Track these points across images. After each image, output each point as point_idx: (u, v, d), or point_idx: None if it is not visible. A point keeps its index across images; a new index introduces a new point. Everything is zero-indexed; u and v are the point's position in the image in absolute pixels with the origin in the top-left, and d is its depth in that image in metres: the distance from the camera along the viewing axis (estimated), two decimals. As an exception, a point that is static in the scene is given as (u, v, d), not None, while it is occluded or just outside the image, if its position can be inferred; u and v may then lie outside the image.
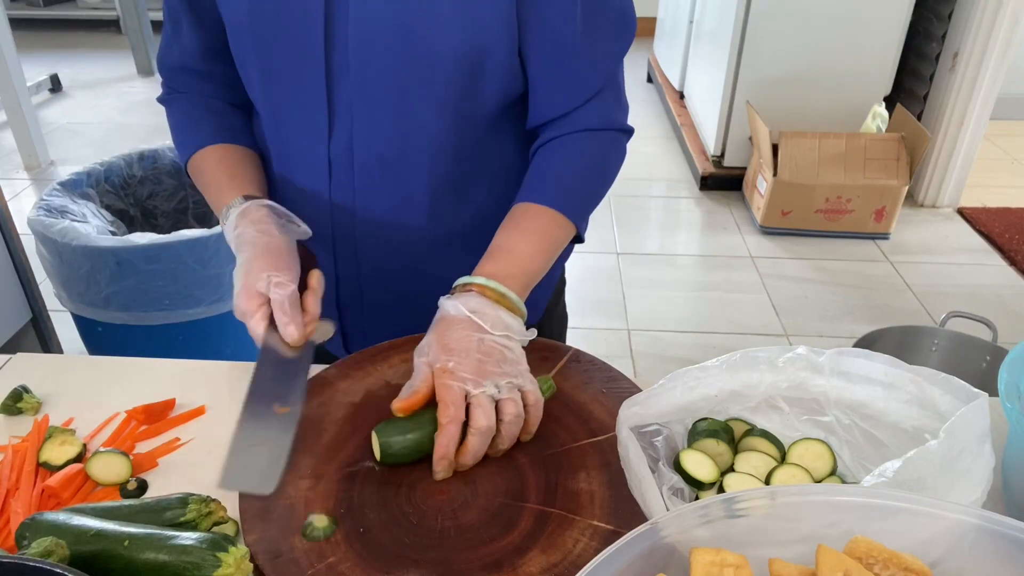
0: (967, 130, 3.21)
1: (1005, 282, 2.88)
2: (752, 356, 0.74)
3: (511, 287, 0.80)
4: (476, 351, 0.75)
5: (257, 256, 0.81)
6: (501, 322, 0.77)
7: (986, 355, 1.82)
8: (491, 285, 0.79)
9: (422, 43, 0.79)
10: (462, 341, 0.75)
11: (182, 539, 0.61)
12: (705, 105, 3.65)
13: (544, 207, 0.86)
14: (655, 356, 2.48)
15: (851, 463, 0.74)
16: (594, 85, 0.87)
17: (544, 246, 0.85)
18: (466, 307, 0.77)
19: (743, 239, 3.15)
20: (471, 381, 0.73)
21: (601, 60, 0.86)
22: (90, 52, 5.39)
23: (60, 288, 1.94)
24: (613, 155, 0.92)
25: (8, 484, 0.74)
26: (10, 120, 3.56)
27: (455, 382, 0.73)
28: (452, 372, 0.74)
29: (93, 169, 2.11)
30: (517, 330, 0.79)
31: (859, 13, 3.06)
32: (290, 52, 0.82)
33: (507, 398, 0.74)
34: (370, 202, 0.90)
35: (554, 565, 0.65)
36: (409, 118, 0.84)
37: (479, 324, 0.76)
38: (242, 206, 0.86)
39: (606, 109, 0.89)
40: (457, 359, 0.74)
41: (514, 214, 0.87)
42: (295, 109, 0.86)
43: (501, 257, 0.83)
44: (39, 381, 0.89)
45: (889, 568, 0.50)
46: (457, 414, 0.72)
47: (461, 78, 0.81)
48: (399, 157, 0.87)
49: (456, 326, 0.77)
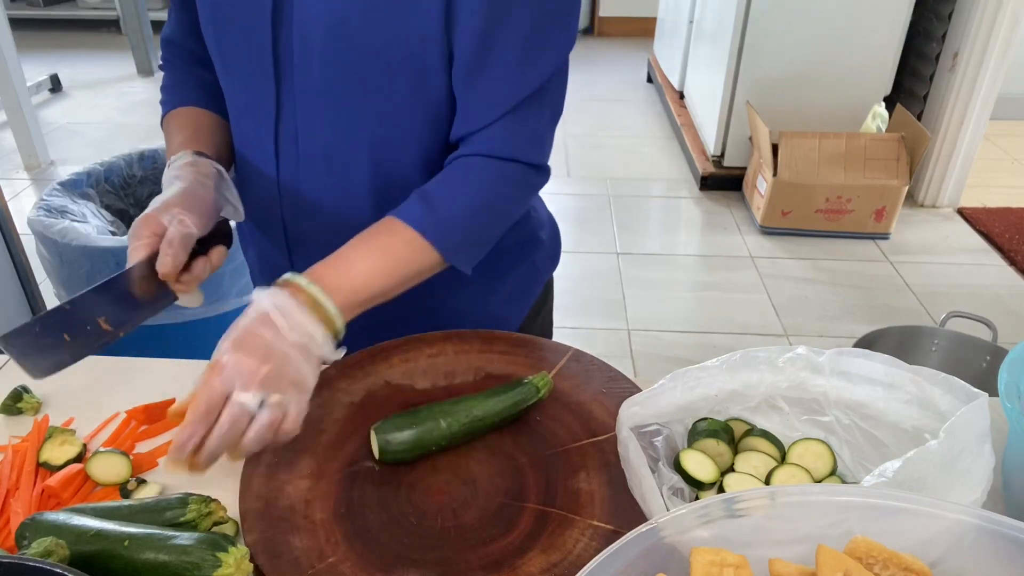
0: (967, 130, 3.21)
1: (1005, 282, 2.88)
2: (752, 356, 0.74)
3: (333, 298, 0.74)
4: (260, 353, 0.69)
5: (177, 195, 0.82)
6: (301, 328, 0.71)
7: (986, 355, 1.81)
8: (310, 289, 0.74)
9: (356, 42, 0.79)
10: (250, 339, 0.70)
11: (182, 539, 0.61)
12: (705, 105, 3.65)
13: (409, 227, 0.80)
14: (655, 356, 2.48)
15: (851, 463, 0.74)
16: (501, 105, 0.81)
17: (388, 266, 0.79)
18: (273, 301, 0.72)
19: (743, 239, 3.15)
20: (239, 384, 0.68)
21: (510, 78, 0.80)
22: (90, 52, 5.39)
23: (60, 288, 1.94)
24: (513, 191, 0.86)
25: (8, 484, 0.74)
26: (10, 120, 3.56)
27: (220, 383, 0.68)
28: (223, 368, 0.68)
29: (93, 169, 2.11)
30: (319, 343, 0.72)
31: (859, 13, 3.06)
32: (242, 43, 0.84)
33: (263, 415, 0.68)
34: (318, 196, 0.90)
35: (554, 565, 0.65)
36: (347, 115, 0.84)
37: (275, 322, 0.70)
38: (191, 158, 0.87)
39: (514, 136, 0.82)
40: (236, 357, 0.68)
41: (378, 226, 0.82)
42: (247, 98, 0.88)
43: (339, 265, 0.78)
44: (39, 381, 0.88)
45: (889, 568, 0.50)
46: (207, 417, 0.67)
47: (398, 78, 0.80)
48: (341, 152, 0.87)
49: (254, 320, 0.71)
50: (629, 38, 5.59)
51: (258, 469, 0.74)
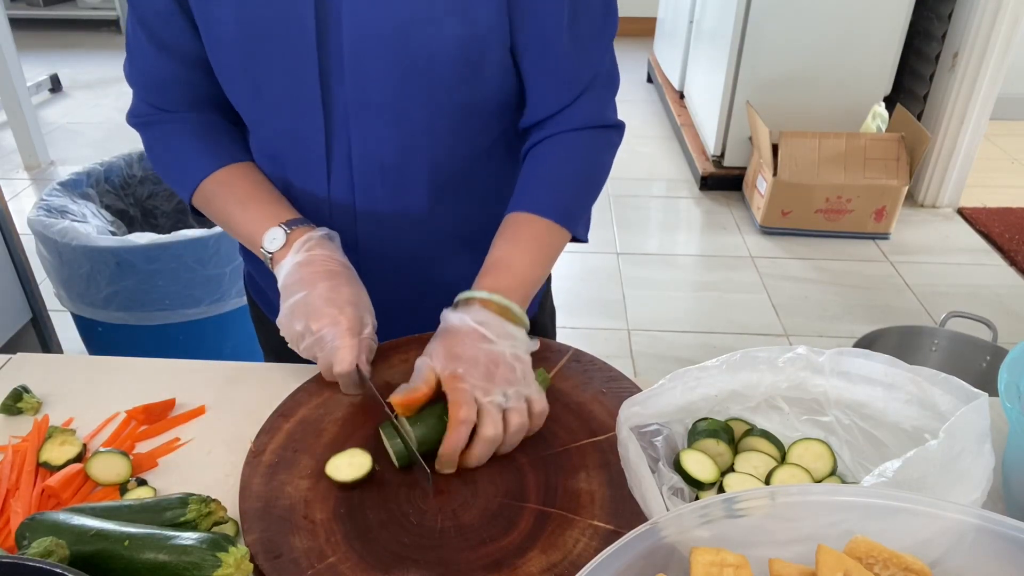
0: (967, 130, 3.21)
1: (1005, 282, 2.88)
2: (752, 356, 0.74)
3: (513, 299, 0.80)
4: (483, 360, 0.75)
5: (357, 294, 0.82)
6: (506, 333, 0.78)
7: (986, 355, 1.82)
8: (494, 299, 0.80)
9: (418, 45, 0.78)
10: (469, 350, 0.76)
11: (182, 539, 0.61)
12: (705, 105, 3.65)
13: (541, 218, 0.86)
14: (655, 356, 2.48)
15: (851, 463, 0.74)
16: (582, 82, 0.86)
17: (541, 256, 0.86)
18: (472, 318, 0.78)
19: (743, 239, 3.15)
20: (480, 388, 0.74)
21: (588, 56, 0.85)
22: (90, 52, 5.39)
23: (60, 288, 1.94)
24: (605, 153, 0.91)
25: (8, 484, 0.74)
26: (10, 120, 3.56)
27: (465, 386, 0.74)
28: (461, 378, 0.74)
29: (93, 169, 2.11)
30: (522, 340, 0.79)
31: (859, 13, 3.06)
32: (281, 64, 0.80)
33: (513, 408, 0.74)
34: (370, 205, 0.90)
35: (554, 565, 0.65)
36: (408, 122, 0.84)
37: (485, 335, 0.77)
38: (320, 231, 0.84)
39: (595, 106, 0.88)
40: (465, 367, 0.75)
41: (509, 224, 0.87)
42: (288, 122, 0.85)
43: (500, 270, 0.83)
44: (39, 381, 0.89)
45: (889, 568, 0.50)
46: (469, 415, 0.73)
47: (458, 78, 0.81)
48: (399, 162, 0.86)
49: (462, 336, 0.77)
50: (629, 38, 5.59)
51: (258, 469, 0.74)
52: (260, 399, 0.85)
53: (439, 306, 0.82)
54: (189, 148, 0.90)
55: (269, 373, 0.91)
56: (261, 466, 0.74)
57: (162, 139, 0.92)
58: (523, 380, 0.77)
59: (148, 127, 0.92)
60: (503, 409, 0.74)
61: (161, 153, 0.92)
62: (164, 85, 0.89)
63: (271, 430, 0.78)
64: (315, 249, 0.82)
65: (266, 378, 0.90)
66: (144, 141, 0.93)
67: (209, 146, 0.90)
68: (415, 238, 0.93)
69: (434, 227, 0.93)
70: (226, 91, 0.87)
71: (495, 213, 0.89)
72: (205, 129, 0.91)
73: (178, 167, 0.91)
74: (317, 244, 0.82)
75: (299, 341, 0.81)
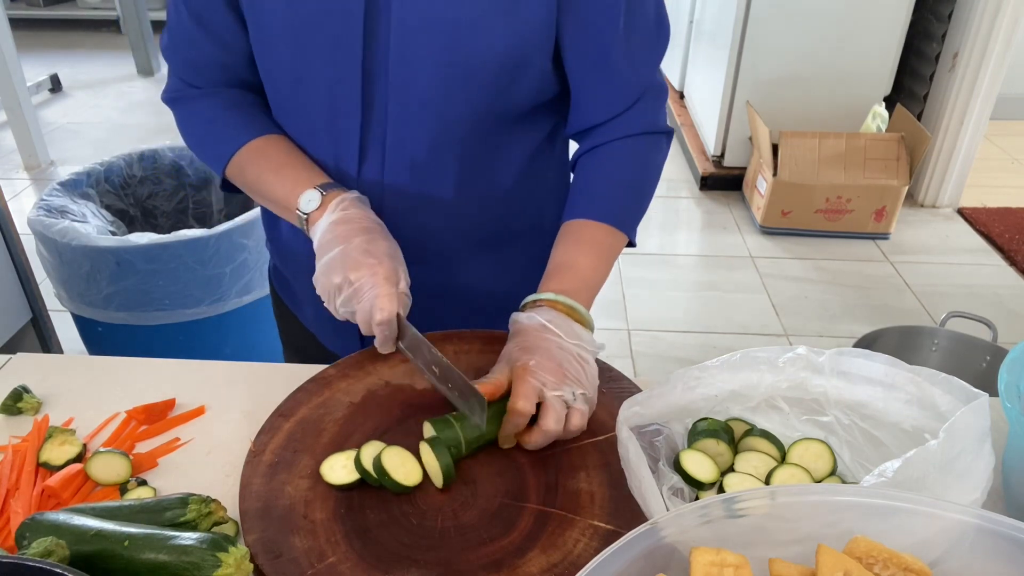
0: (967, 130, 3.21)
1: (1005, 282, 2.88)
2: (752, 356, 0.74)
3: (579, 300, 0.82)
4: (555, 354, 0.77)
5: (393, 248, 0.82)
6: (574, 333, 0.79)
7: (986, 355, 1.81)
8: (560, 300, 0.81)
9: (464, 48, 0.79)
10: (541, 343, 0.77)
11: (182, 539, 0.61)
12: (705, 105, 3.65)
13: (601, 224, 0.87)
14: (655, 356, 2.48)
15: (851, 463, 0.74)
16: (635, 91, 0.88)
17: (602, 259, 0.87)
18: (541, 317, 0.79)
19: (743, 239, 3.15)
20: (550, 383, 0.75)
21: (641, 66, 0.87)
22: (90, 52, 5.39)
23: (60, 288, 1.94)
24: (657, 159, 0.93)
25: (8, 484, 0.74)
26: (10, 120, 3.56)
27: (533, 379, 0.75)
28: (532, 370, 0.75)
29: (93, 169, 2.11)
30: (588, 341, 0.80)
31: (859, 13, 3.06)
32: (326, 59, 0.82)
33: (577, 409, 0.76)
34: (397, 200, 0.90)
35: (554, 565, 0.65)
36: (444, 122, 0.84)
37: (555, 331, 0.78)
38: (353, 193, 0.84)
39: (648, 114, 0.90)
40: (537, 359, 0.76)
41: (569, 230, 0.88)
42: (326, 115, 0.86)
43: (565, 273, 0.84)
44: (39, 381, 0.89)
45: (889, 568, 0.50)
46: (527, 408, 0.74)
47: (499, 82, 0.82)
48: (430, 159, 0.87)
49: (533, 332, 0.78)
50: (629, 38, 5.58)
51: (258, 469, 0.74)
52: (260, 399, 0.85)
53: (455, 310, 0.82)
54: (223, 121, 0.91)
55: (269, 373, 0.91)
56: (261, 466, 0.74)
57: (197, 113, 0.93)
58: (590, 383, 0.78)
59: (181, 103, 0.94)
60: (568, 407, 0.75)
61: (195, 127, 0.94)
62: (202, 66, 0.91)
63: (271, 430, 0.78)
64: (350, 208, 0.83)
65: (266, 378, 0.90)
66: (176, 117, 0.95)
67: (243, 118, 0.91)
68: (437, 237, 0.94)
69: (459, 214, 0.93)
70: (264, 79, 0.88)
71: (519, 210, 0.91)
72: (237, 103, 0.92)
73: (212, 140, 0.92)
74: (352, 204, 0.83)
75: (336, 295, 0.80)
